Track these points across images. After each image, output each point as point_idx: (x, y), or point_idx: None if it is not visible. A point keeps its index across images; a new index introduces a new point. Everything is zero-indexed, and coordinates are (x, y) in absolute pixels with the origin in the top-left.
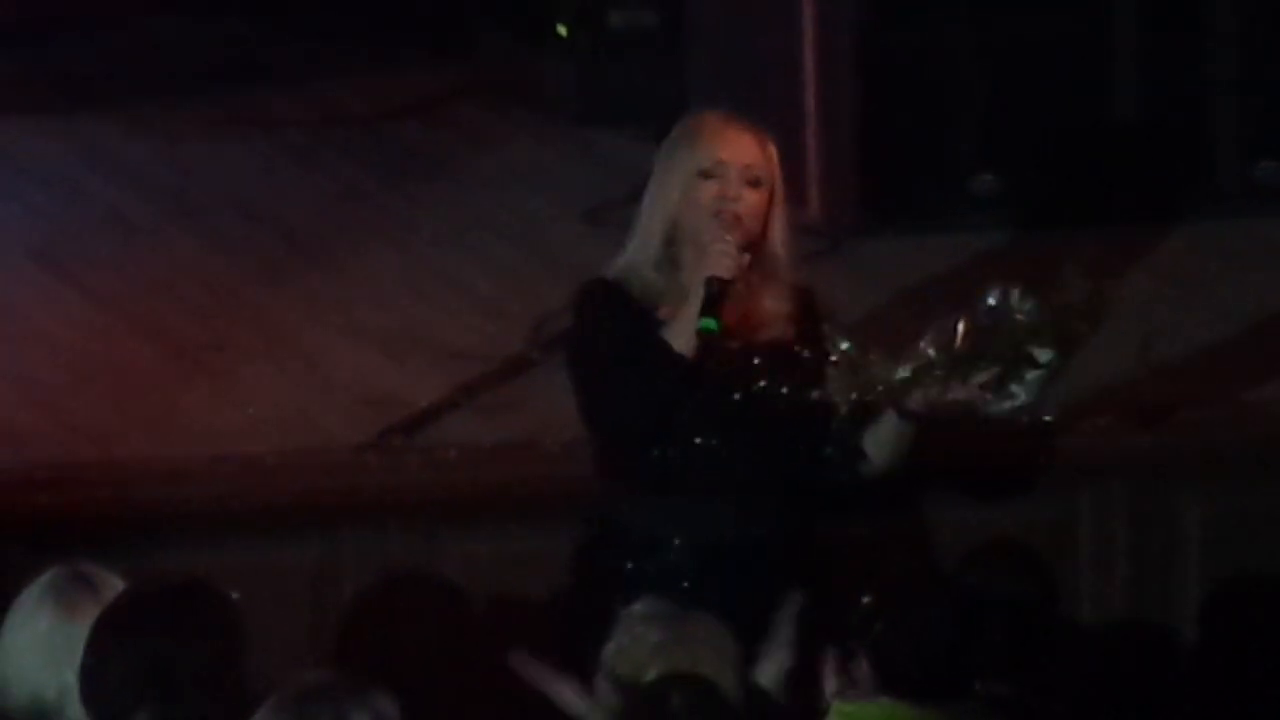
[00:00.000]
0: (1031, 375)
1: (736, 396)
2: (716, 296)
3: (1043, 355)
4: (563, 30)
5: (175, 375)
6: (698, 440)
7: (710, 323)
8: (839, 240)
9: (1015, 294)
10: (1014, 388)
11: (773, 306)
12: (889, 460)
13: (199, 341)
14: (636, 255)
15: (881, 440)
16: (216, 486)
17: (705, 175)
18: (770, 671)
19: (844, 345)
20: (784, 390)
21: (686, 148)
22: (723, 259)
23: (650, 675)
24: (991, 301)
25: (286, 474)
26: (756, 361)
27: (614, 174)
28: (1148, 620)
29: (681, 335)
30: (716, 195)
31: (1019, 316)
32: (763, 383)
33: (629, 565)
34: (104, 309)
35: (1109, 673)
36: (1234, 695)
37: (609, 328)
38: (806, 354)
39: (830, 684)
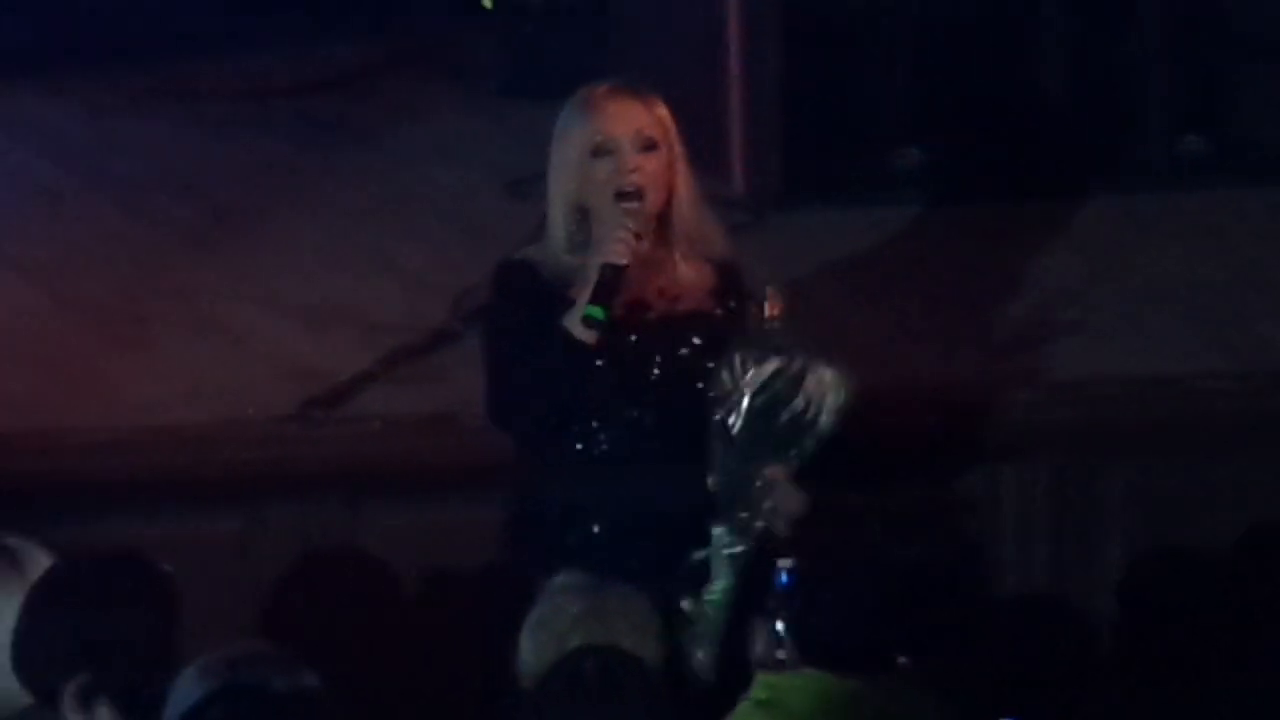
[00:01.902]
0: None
1: (657, 371)
2: (608, 283)
3: (796, 406)
4: (488, 2)
5: (98, 346)
6: (621, 414)
7: (596, 310)
8: (762, 213)
9: (737, 370)
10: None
11: (690, 277)
12: None
13: (123, 313)
14: (549, 236)
15: None
16: (138, 458)
17: (597, 153)
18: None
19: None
20: (706, 362)
21: (576, 125)
22: (618, 245)
23: (570, 646)
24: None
25: (209, 446)
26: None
27: (538, 146)
28: (1069, 594)
29: (573, 318)
30: (614, 172)
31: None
32: (684, 351)
33: (550, 538)
34: (27, 280)
35: (1030, 646)
36: (1153, 669)
37: (516, 311)
38: (723, 325)
39: (755, 654)
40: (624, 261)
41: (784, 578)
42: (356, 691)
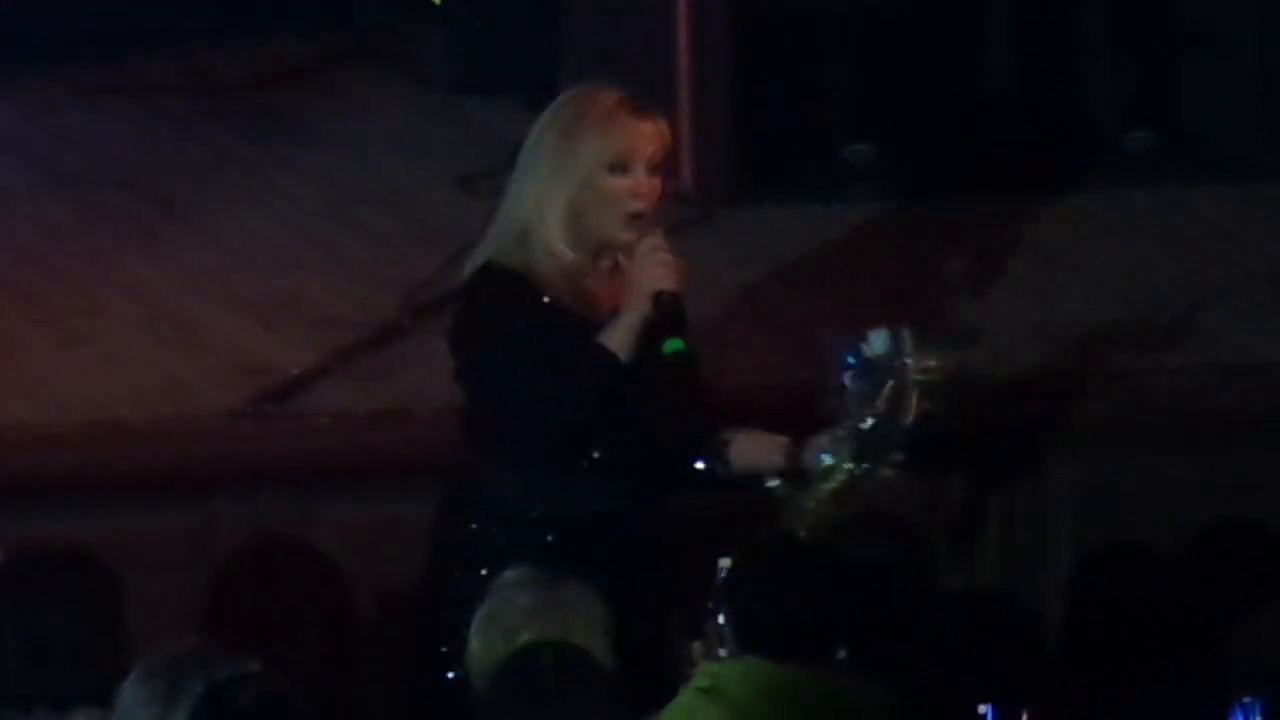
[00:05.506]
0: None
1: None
2: (678, 313)
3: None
4: None
5: (50, 342)
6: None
7: (679, 344)
8: (711, 210)
9: (903, 339)
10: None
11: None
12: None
13: (73, 308)
14: (529, 237)
15: (751, 464)
16: (90, 453)
17: (614, 169)
18: None
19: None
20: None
21: (593, 137)
22: (666, 269)
23: (520, 640)
24: (877, 350)
25: (160, 441)
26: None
27: (487, 142)
28: (1016, 588)
29: (619, 341)
30: (628, 192)
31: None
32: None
33: (495, 534)
34: None
35: (977, 641)
36: (1102, 664)
37: (527, 321)
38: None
39: (698, 645)
40: (677, 286)
41: (723, 574)
42: (308, 687)
